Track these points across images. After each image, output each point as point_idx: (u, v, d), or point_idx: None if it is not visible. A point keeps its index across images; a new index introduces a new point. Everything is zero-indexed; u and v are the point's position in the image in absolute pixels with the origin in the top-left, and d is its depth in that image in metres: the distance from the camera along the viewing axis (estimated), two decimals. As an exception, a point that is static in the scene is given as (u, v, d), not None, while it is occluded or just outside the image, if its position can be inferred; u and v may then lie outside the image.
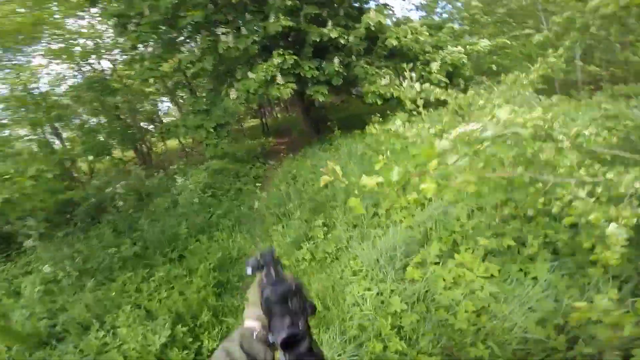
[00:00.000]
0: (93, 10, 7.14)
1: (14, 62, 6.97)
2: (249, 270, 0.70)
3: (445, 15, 10.68)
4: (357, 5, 6.60)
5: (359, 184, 1.22)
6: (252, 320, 0.65)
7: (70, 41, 7.57)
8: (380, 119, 5.71)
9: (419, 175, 1.26)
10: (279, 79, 4.86)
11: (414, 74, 2.16)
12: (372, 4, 6.79)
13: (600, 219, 1.11)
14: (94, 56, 8.66)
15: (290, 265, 2.95)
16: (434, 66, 5.47)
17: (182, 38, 6.52)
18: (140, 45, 6.16)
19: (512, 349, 1.59)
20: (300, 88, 6.02)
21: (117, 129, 8.08)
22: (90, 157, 7.57)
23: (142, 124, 9.88)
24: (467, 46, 6.43)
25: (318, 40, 5.58)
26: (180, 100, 9.58)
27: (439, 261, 2.04)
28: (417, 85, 1.99)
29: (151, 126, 10.08)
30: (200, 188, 5.18)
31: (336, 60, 5.66)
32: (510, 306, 1.73)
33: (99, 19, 7.67)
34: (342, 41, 5.70)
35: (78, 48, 7.74)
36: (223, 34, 5.29)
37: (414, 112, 5.30)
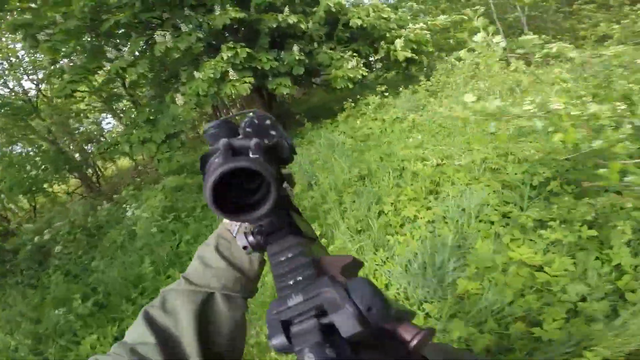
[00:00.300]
0: None
1: None
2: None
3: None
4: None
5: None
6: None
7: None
8: (353, 104, 5.22)
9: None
10: (232, 74, 4.16)
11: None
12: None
13: None
14: (9, 77, 7.36)
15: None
16: (398, 43, 5.06)
17: (112, 44, 5.56)
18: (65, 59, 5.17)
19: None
20: (258, 83, 5.35)
21: (49, 156, 6.86)
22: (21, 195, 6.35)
23: (87, 145, 8.64)
24: (429, 22, 6.13)
25: (274, 26, 4.93)
26: (121, 115, 8.47)
27: (492, 265, 1.57)
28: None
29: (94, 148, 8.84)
30: (158, 213, 4.35)
31: (295, 48, 5.05)
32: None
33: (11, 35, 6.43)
34: (302, 26, 5.11)
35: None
36: (158, 34, 4.45)
37: (385, 94, 4.84)
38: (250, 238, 0.39)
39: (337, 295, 0.23)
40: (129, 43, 5.23)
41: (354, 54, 5.31)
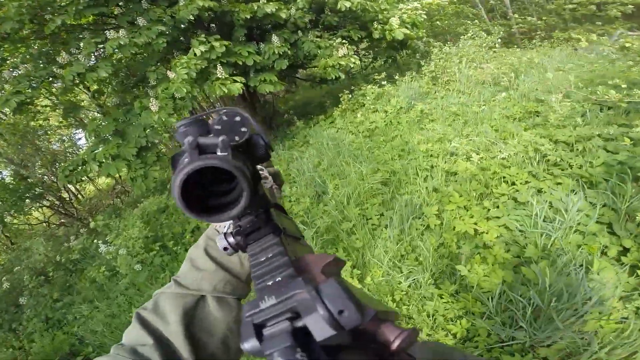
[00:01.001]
0: None
1: None
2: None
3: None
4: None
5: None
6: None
7: None
8: (349, 96, 4.69)
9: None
10: (220, 72, 3.51)
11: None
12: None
13: None
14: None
15: None
16: (394, 21, 4.55)
17: (63, 48, 4.75)
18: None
19: None
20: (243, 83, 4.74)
21: (3, 184, 5.98)
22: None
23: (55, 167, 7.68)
24: (423, 1, 5.64)
25: (249, 17, 4.30)
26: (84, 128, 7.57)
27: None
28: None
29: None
30: (139, 245, 3.70)
31: (275, 38, 4.44)
32: None
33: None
34: (282, 15, 4.50)
35: None
36: (111, 28, 3.74)
37: (383, 83, 4.34)
38: (230, 239, 0.37)
39: (309, 297, 0.21)
40: (81, 45, 4.47)
41: (344, 40, 4.76)
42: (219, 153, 0.29)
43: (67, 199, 7.54)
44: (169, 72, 3.62)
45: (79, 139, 8.75)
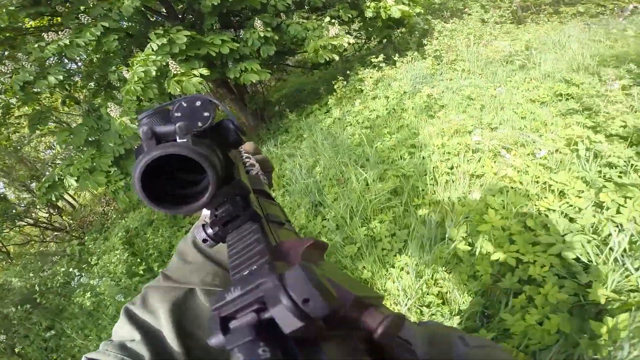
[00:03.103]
0: None
1: None
2: None
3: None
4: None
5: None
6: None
7: None
8: (345, 81, 4.17)
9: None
10: (173, 66, 2.98)
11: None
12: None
13: None
14: None
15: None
16: (389, -4, 3.96)
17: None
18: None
19: None
20: (219, 73, 4.22)
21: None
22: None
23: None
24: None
25: (217, 3, 3.74)
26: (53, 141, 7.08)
27: None
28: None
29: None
30: (121, 271, 3.32)
31: (258, 22, 3.89)
32: None
33: None
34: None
35: None
36: (55, 30, 3.20)
37: (381, 65, 3.81)
38: (209, 230, 0.34)
39: (273, 286, 0.19)
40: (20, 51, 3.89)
41: (333, 20, 4.19)
42: (178, 140, 0.27)
43: (54, 212, 7.15)
44: (125, 72, 3.12)
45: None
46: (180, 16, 4.87)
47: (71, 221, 7.53)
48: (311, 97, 5.44)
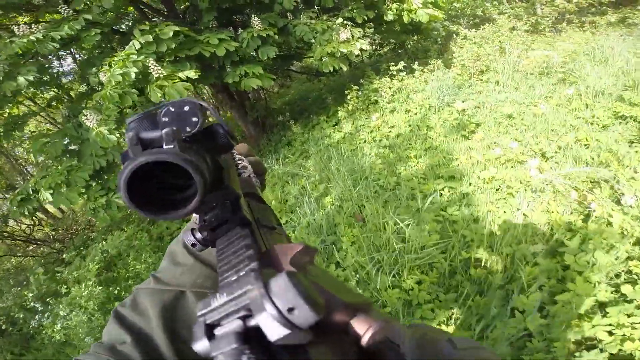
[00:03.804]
0: None
1: None
2: None
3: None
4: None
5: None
6: None
7: None
8: (359, 91, 3.71)
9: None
10: (155, 68, 2.47)
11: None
12: None
13: None
14: None
15: None
16: None
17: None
18: None
19: None
20: (216, 78, 3.76)
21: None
22: None
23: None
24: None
25: None
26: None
27: None
28: None
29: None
30: (93, 307, 2.83)
31: (256, 20, 3.41)
32: None
33: None
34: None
35: None
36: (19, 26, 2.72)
37: (402, 73, 3.32)
38: (198, 234, 0.33)
39: (258, 294, 0.19)
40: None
41: (346, 22, 3.74)
42: (165, 146, 0.26)
43: (33, 225, 6.61)
44: (101, 75, 2.64)
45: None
46: (181, 15, 4.43)
47: (54, 232, 7.00)
48: (316, 106, 4.98)
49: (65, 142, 4.03)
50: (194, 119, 0.32)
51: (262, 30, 3.36)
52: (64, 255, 4.76)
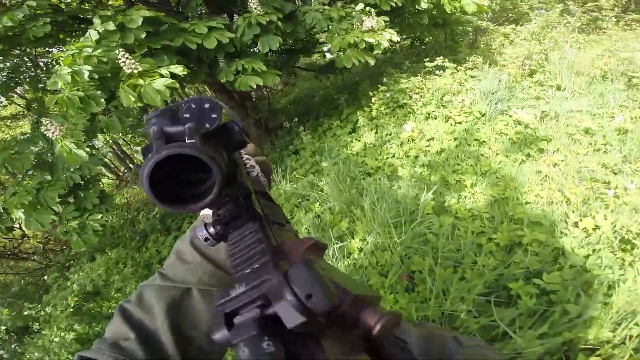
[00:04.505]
0: None
1: None
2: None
3: None
4: None
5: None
6: (209, 210, 0.46)
7: None
8: (386, 92, 3.08)
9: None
10: (127, 63, 1.85)
11: None
12: None
13: None
14: None
15: None
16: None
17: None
18: None
19: None
20: (211, 75, 3.16)
21: None
22: None
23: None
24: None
25: None
26: None
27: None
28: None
29: None
30: (69, 351, 2.31)
31: (254, 3, 2.68)
32: None
33: None
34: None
35: None
36: None
37: (437, 73, 2.76)
38: (211, 229, 0.35)
39: (277, 283, 0.20)
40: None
41: (367, 8, 3.10)
42: (187, 141, 0.27)
43: (18, 238, 6.07)
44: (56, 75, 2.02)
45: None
46: (173, 5, 3.80)
47: (42, 243, 6.46)
48: (325, 106, 4.37)
49: (35, 154, 3.44)
50: (213, 116, 0.33)
51: (262, 16, 2.70)
52: (45, 277, 4.23)
